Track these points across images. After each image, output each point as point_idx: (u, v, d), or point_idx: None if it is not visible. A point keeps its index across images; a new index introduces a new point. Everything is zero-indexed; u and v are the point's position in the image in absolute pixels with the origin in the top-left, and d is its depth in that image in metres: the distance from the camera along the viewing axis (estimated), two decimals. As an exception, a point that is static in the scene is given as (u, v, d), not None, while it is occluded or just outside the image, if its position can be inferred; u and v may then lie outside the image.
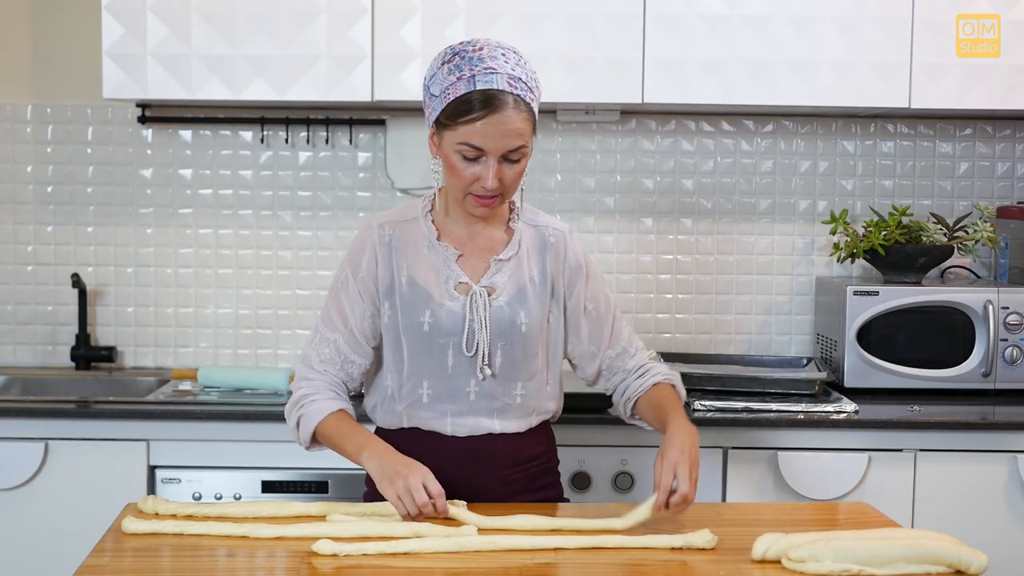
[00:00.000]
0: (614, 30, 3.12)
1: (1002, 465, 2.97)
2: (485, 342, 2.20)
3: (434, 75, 2.12)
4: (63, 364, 3.54)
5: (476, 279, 2.22)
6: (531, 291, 2.24)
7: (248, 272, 3.55)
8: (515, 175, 2.13)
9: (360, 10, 3.11)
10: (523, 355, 2.24)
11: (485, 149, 2.08)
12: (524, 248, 2.26)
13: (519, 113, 2.08)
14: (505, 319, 2.21)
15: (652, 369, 2.36)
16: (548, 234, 2.29)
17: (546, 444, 2.37)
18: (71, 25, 3.50)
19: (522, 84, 2.10)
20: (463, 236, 2.24)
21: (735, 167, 3.58)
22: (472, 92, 2.06)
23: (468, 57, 2.09)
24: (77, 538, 2.60)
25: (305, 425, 2.20)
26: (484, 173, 2.10)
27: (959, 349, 3.23)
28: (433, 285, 2.21)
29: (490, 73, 2.07)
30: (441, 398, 2.23)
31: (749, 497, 2.94)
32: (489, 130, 2.07)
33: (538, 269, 2.27)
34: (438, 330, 2.20)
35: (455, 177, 2.13)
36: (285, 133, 3.50)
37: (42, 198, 3.54)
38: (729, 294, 3.60)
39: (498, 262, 2.24)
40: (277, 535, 1.98)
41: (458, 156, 2.10)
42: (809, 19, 3.15)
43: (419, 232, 2.24)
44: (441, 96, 2.10)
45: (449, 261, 2.22)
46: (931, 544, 1.87)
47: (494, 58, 2.09)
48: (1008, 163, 3.62)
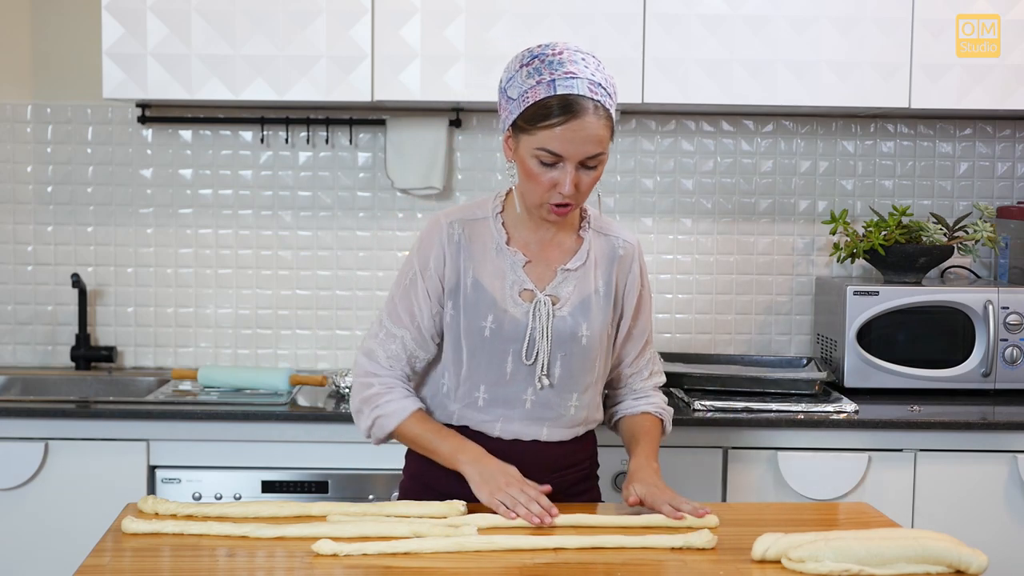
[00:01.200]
0: (614, 30, 3.12)
1: (1002, 465, 2.97)
2: (545, 352, 2.19)
3: (512, 78, 2.10)
4: (63, 364, 3.54)
5: (541, 287, 2.21)
6: (595, 303, 2.23)
7: (248, 272, 3.55)
8: (591, 182, 2.11)
9: (360, 10, 3.11)
10: (581, 367, 2.23)
11: (564, 155, 2.06)
12: (592, 258, 2.24)
13: (599, 119, 2.06)
14: (567, 330, 2.20)
15: (651, 398, 2.37)
16: (618, 246, 2.28)
17: (587, 452, 2.36)
18: (71, 25, 3.50)
19: (602, 90, 2.08)
20: (532, 241, 2.22)
21: (735, 167, 3.58)
22: (552, 97, 2.04)
23: (548, 61, 2.07)
24: (77, 538, 2.60)
25: (383, 424, 2.21)
26: (561, 179, 2.07)
27: (959, 349, 3.23)
28: (498, 290, 2.19)
29: (571, 78, 2.05)
30: (496, 403, 2.23)
31: (749, 497, 2.94)
32: (569, 136, 2.05)
33: (604, 280, 2.25)
34: (499, 336, 2.19)
35: (532, 183, 2.11)
36: (285, 133, 3.50)
37: (42, 198, 3.54)
38: (729, 294, 3.60)
39: (565, 271, 2.22)
40: (277, 535, 1.98)
41: (535, 161, 2.08)
42: (809, 19, 3.15)
43: (488, 233, 2.22)
44: (519, 99, 2.07)
45: (516, 267, 2.20)
46: (931, 544, 1.87)
47: (574, 62, 2.07)
48: (1008, 163, 3.62)
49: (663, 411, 2.37)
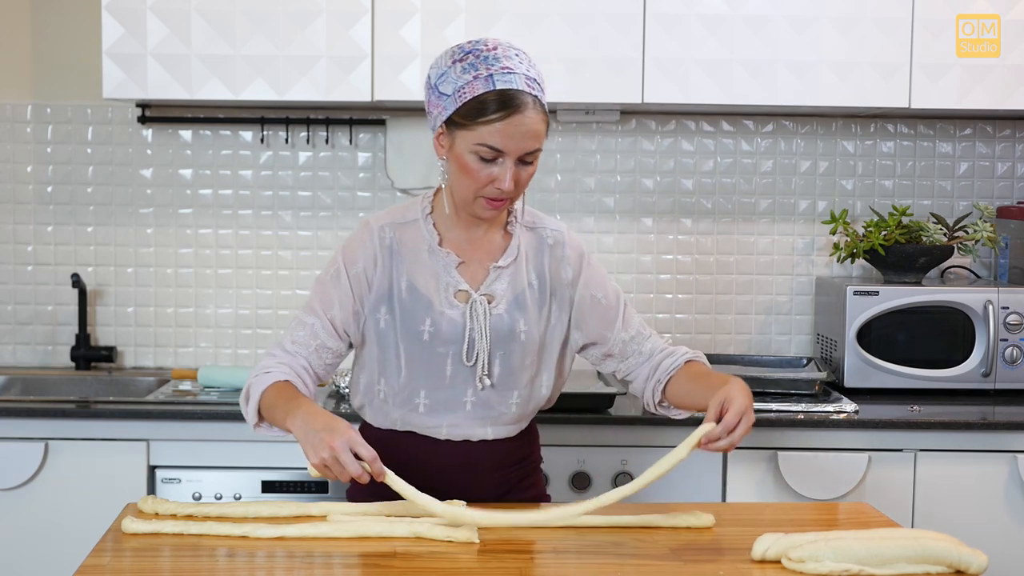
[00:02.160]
0: (614, 30, 3.12)
1: (1002, 465, 2.97)
2: (485, 351, 2.17)
3: (444, 74, 2.07)
4: (63, 364, 3.54)
5: (476, 286, 2.19)
6: (529, 297, 2.21)
7: (248, 272, 3.55)
8: (528, 177, 2.10)
9: (360, 10, 3.11)
10: (521, 363, 2.21)
11: (504, 150, 2.04)
12: (523, 252, 2.23)
13: (537, 114, 2.05)
14: (504, 328, 2.18)
15: (678, 349, 2.29)
16: (546, 236, 2.26)
17: (531, 446, 2.34)
18: (71, 25, 3.50)
19: (537, 85, 2.07)
20: (463, 241, 2.20)
21: (735, 167, 3.58)
22: (491, 92, 2.02)
23: (483, 56, 2.05)
24: (77, 538, 2.60)
25: (251, 400, 2.11)
26: (501, 174, 2.05)
27: (959, 349, 3.23)
28: (433, 292, 2.17)
29: (508, 73, 2.03)
30: (438, 408, 2.20)
31: (749, 497, 2.94)
32: (510, 131, 2.03)
33: (536, 273, 2.23)
34: (437, 339, 2.16)
35: (468, 178, 2.08)
36: (285, 133, 3.50)
37: (42, 198, 3.54)
38: (729, 294, 3.60)
39: (497, 269, 2.20)
40: (277, 535, 1.98)
41: (474, 157, 2.05)
42: (809, 19, 3.15)
43: (420, 236, 2.19)
44: (455, 95, 2.04)
45: (450, 267, 2.18)
46: (931, 544, 1.87)
47: (509, 58, 2.05)
48: (1008, 163, 3.62)
49: (699, 355, 2.28)
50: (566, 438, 2.92)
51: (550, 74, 3.08)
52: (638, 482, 2.02)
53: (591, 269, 2.28)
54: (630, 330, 2.30)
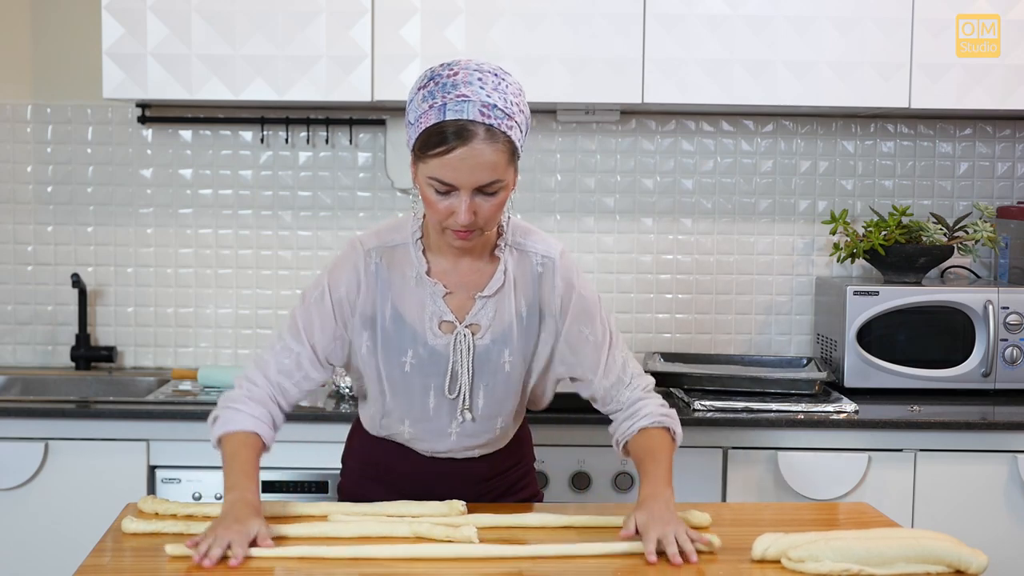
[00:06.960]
0: (614, 30, 3.12)
1: (1002, 465, 2.97)
2: (467, 385, 2.11)
3: (411, 100, 1.98)
4: (63, 364, 3.54)
5: (461, 317, 2.10)
6: (516, 327, 2.12)
7: (248, 272, 3.55)
8: (492, 208, 1.96)
9: (360, 10, 3.11)
10: (505, 394, 2.15)
11: (455, 184, 1.92)
12: (510, 279, 2.11)
13: (491, 144, 1.91)
14: (489, 360, 2.11)
15: (643, 409, 2.17)
16: (536, 263, 2.13)
17: (522, 451, 2.33)
18: (71, 25, 3.50)
19: (497, 111, 1.91)
20: (449, 269, 2.10)
21: (735, 167, 3.58)
22: (442, 123, 1.90)
23: (442, 83, 1.93)
24: (77, 538, 2.60)
25: (217, 428, 2.11)
26: (458, 207, 1.94)
27: (959, 349, 3.23)
28: (418, 322, 2.09)
29: (463, 101, 1.90)
30: (423, 436, 2.18)
31: (749, 497, 2.94)
32: (457, 164, 1.90)
33: (526, 301, 2.13)
34: (420, 371, 2.10)
35: (430, 210, 1.98)
36: (285, 133, 3.50)
37: (42, 198, 3.54)
38: (729, 294, 3.60)
39: (483, 299, 2.10)
40: (277, 535, 1.98)
41: (431, 189, 1.95)
42: (809, 19, 3.15)
43: (408, 262, 2.10)
44: (415, 125, 1.95)
45: (436, 297, 2.09)
46: (931, 544, 1.87)
47: (468, 84, 1.91)
48: (1008, 163, 3.62)
49: (663, 418, 2.17)
50: (566, 438, 2.92)
51: (550, 74, 3.11)
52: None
53: (582, 301, 2.16)
54: (611, 376, 2.19)
